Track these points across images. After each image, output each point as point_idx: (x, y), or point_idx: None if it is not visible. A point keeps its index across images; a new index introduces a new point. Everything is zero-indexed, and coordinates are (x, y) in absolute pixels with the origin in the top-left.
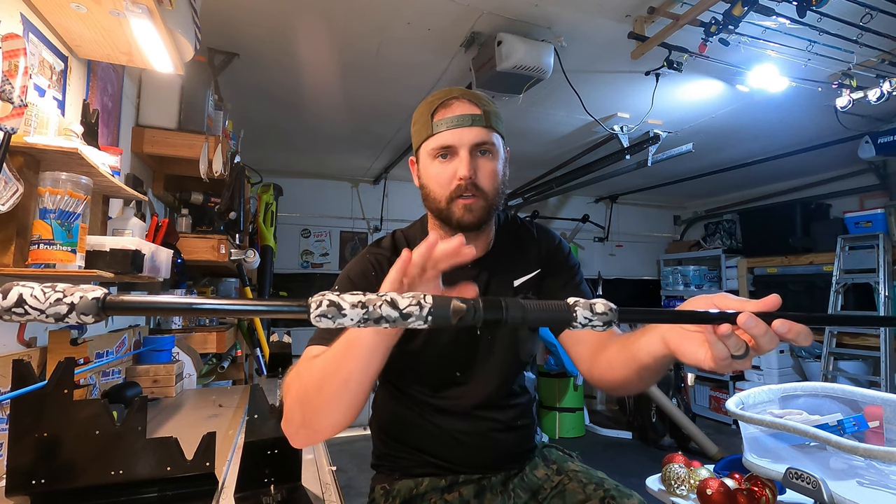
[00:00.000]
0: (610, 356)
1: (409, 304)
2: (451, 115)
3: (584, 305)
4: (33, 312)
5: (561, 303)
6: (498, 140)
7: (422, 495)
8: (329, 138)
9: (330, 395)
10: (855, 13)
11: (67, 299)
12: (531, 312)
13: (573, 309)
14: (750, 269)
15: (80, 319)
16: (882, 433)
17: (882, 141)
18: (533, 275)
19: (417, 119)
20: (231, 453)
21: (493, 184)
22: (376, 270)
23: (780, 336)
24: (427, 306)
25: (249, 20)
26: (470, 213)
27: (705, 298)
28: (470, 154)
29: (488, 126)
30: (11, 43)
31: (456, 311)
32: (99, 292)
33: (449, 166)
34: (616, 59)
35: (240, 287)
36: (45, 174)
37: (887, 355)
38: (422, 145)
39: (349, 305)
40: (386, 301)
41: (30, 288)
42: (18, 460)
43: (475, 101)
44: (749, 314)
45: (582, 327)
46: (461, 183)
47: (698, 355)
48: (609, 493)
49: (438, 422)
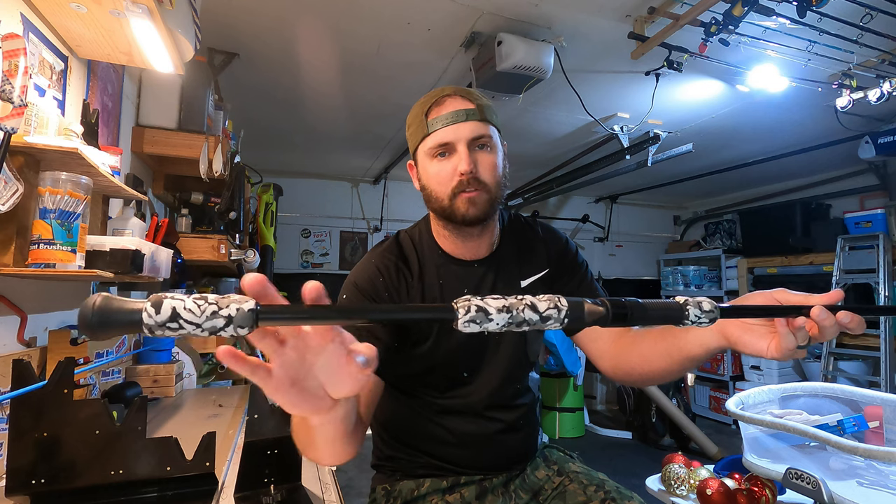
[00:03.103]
0: (644, 350)
1: (548, 307)
2: (446, 112)
3: (694, 304)
4: (188, 327)
5: (674, 302)
6: (495, 133)
7: (423, 496)
8: (329, 138)
9: (314, 455)
10: (855, 13)
11: (224, 311)
12: (651, 311)
13: (685, 308)
14: (750, 270)
15: (236, 332)
16: (882, 433)
17: (882, 141)
18: (541, 275)
19: (412, 121)
20: (231, 453)
21: (495, 177)
22: (384, 276)
23: (843, 326)
24: (563, 308)
25: (249, 20)
26: (474, 207)
27: (764, 294)
28: (468, 148)
29: (483, 119)
30: (11, 43)
31: (591, 313)
32: (251, 303)
33: (448, 163)
34: (616, 59)
35: (240, 287)
36: (45, 174)
37: (887, 355)
38: (419, 146)
39: (495, 310)
40: (527, 305)
41: (181, 301)
42: (18, 460)
43: (467, 96)
44: (821, 307)
45: (690, 324)
46: (462, 178)
47: (760, 346)
48: (610, 494)
49: (443, 422)
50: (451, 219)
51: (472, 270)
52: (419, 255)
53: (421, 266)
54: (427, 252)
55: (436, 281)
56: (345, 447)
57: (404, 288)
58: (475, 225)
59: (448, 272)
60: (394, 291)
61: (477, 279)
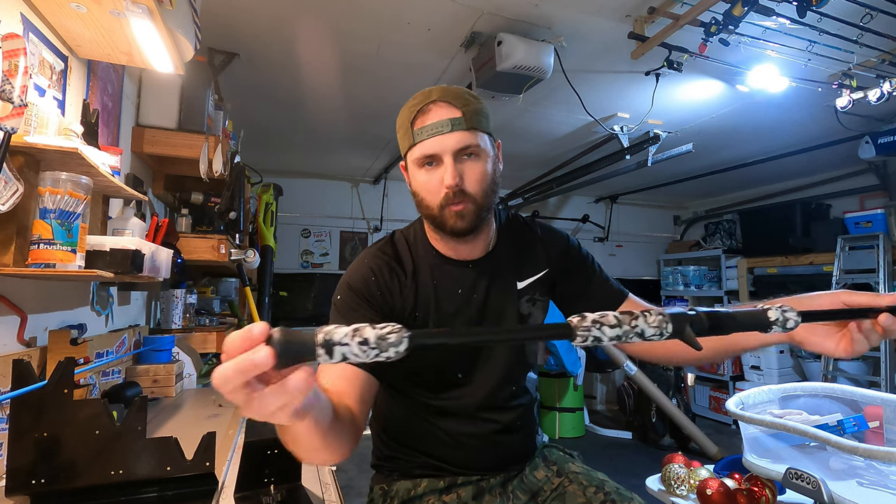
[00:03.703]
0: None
1: (657, 321)
2: (430, 123)
3: (777, 311)
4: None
5: (759, 311)
6: (483, 139)
7: (420, 496)
8: (329, 138)
9: (305, 456)
10: (855, 13)
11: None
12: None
13: (767, 315)
14: (750, 270)
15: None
16: (882, 433)
17: (882, 141)
18: (540, 275)
19: (399, 127)
20: (231, 453)
21: (482, 186)
22: (376, 276)
23: None
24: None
25: (249, 20)
26: (461, 220)
27: (830, 296)
28: (454, 159)
29: (470, 128)
30: (11, 43)
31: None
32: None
33: (435, 174)
34: (616, 59)
35: (240, 287)
36: (45, 174)
37: (887, 355)
38: (407, 154)
39: (608, 327)
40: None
41: (348, 346)
42: (18, 460)
43: (454, 101)
44: (887, 315)
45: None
46: (448, 191)
47: (828, 346)
48: (610, 496)
49: (439, 423)
50: (441, 228)
51: (466, 271)
52: (413, 255)
53: (415, 266)
54: (421, 252)
55: (430, 281)
56: (327, 447)
57: (397, 287)
58: (464, 236)
59: (442, 272)
60: (386, 291)
61: (471, 280)
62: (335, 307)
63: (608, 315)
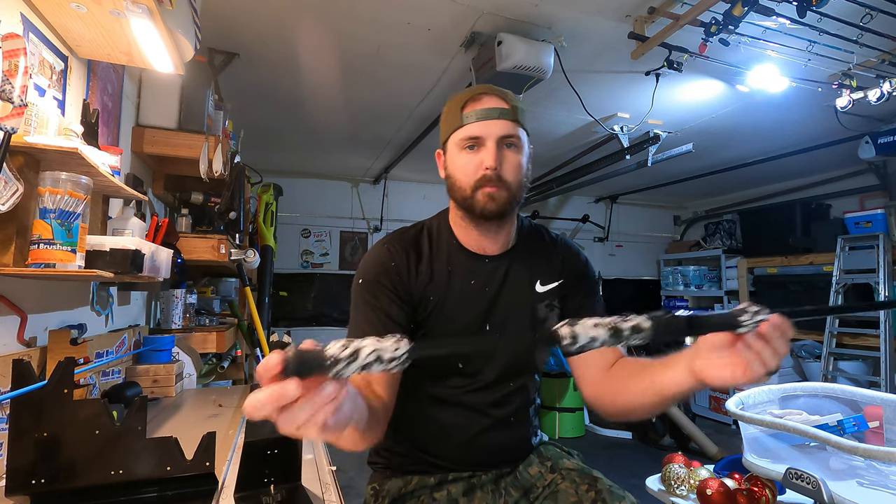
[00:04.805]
0: (627, 384)
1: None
2: (481, 108)
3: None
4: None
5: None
6: (523, 135)
7: (410, 493)
8: (329, 138)
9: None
10: (855, 13)
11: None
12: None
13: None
14: (750, 270)
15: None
16: (882, 433)
17: (882, 141)
18: (556, 285)
19: (447, 112)
20: (231, 453)
21: (517, 176)
22: (393, 257)
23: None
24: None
25: (249, 20)
26: (493, 202)
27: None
28: (497, 145)
29: (515, 120)
30: (11, 43)
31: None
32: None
33: (476, 157)
34: (616, 59)
35: (240, 287)
36: (45, 174)
37: (887, 356)
38: (450, 136)
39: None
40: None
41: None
42: (18, 460)
43: (503, 96)
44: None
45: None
46: (486, 173)
47: (724, 375)
48: (601, 495)
49: (433, 413)
50: (471, 210)
51: (483, 264)
52: (432, 242)
53: (432, 251)
54: (443, 239)
55: (445, 266)
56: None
57: (414, 270)
58: (492, 220)
59: (459, 261)
60: (404, 272)
61: (486, 273)
62: (354, 291)
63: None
